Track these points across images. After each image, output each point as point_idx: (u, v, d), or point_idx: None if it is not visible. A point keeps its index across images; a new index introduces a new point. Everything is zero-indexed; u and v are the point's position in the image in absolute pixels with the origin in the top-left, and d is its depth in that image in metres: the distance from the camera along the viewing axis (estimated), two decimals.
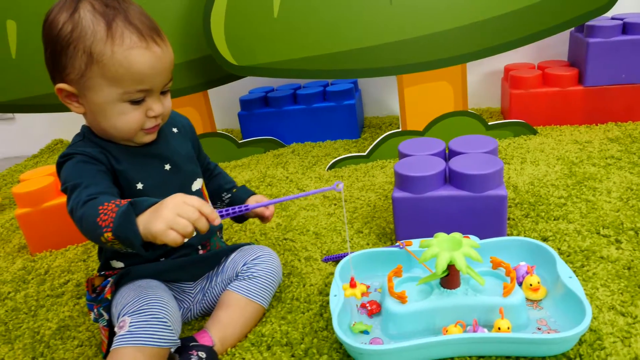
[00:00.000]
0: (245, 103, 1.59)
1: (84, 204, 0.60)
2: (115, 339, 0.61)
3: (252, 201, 0.83)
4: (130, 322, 0.61)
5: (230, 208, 0.63)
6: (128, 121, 0.66)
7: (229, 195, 0.86)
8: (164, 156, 0.73)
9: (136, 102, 0.65)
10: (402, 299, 0.66)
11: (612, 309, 0.67)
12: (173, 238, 0.54)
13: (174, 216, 0.55)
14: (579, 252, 0.81)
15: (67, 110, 0.69)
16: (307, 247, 0.96)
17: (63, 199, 1.08)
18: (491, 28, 1.18)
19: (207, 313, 0.79)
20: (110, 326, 0.68)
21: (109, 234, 0.56)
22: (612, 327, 0.64)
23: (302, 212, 1.10)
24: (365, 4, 1.18)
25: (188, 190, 0.76)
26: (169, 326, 0.63)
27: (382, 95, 1.74)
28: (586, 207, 0.94)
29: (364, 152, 1.37)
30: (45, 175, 1.12)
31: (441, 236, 0.67)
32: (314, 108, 1.55)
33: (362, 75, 1.26)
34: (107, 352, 0.65)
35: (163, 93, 0.68)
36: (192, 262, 0.76)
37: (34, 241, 1.08)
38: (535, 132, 1.35)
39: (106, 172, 0.67)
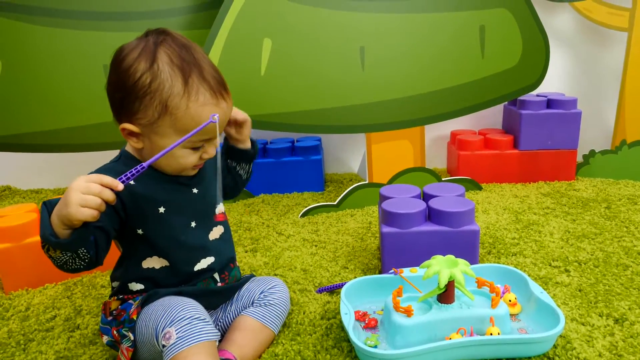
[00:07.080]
0: None
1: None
2: (166, 350, 0.64)
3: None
4: (177, 330, 0.64)
5: (128, 172, 0.61)
6: (185, 163, 0.71)
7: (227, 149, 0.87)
8: (194, 181, 0.76)
9: (196, 148, 0.70)
10: (408, 312, 0.75)
11: (574, 320, 0.81)
12: (89, 214, 0.57)
13: (80, 195, 0.57)
14: (539, 279, 0.96)
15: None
16: (299, 281, 1.02)
17: None
18: (446, 97, 1.40)
19: None
20: (135, 347, 0.70)
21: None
22: (577, 333, 0.78)
23: (286, 252, 1.17)
24: (340, 69, 1.35)
25: (212, 215, 0.80)
26: (209, 322, 0.67)
27: (342, 154, 1.89)
28: (536, 246, 1.11)
29: (332, 202, 1.48)
30: (26, 212, 1.11)
31: (439, 257, 0.78)
32: (283, 161, 1.66)
33: (335, 131, 1.41)
34: None
35: None
36: (212, 292, 0.79)
37: (11, 279, 1.04)
38: (480, 188, 1.55)
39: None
